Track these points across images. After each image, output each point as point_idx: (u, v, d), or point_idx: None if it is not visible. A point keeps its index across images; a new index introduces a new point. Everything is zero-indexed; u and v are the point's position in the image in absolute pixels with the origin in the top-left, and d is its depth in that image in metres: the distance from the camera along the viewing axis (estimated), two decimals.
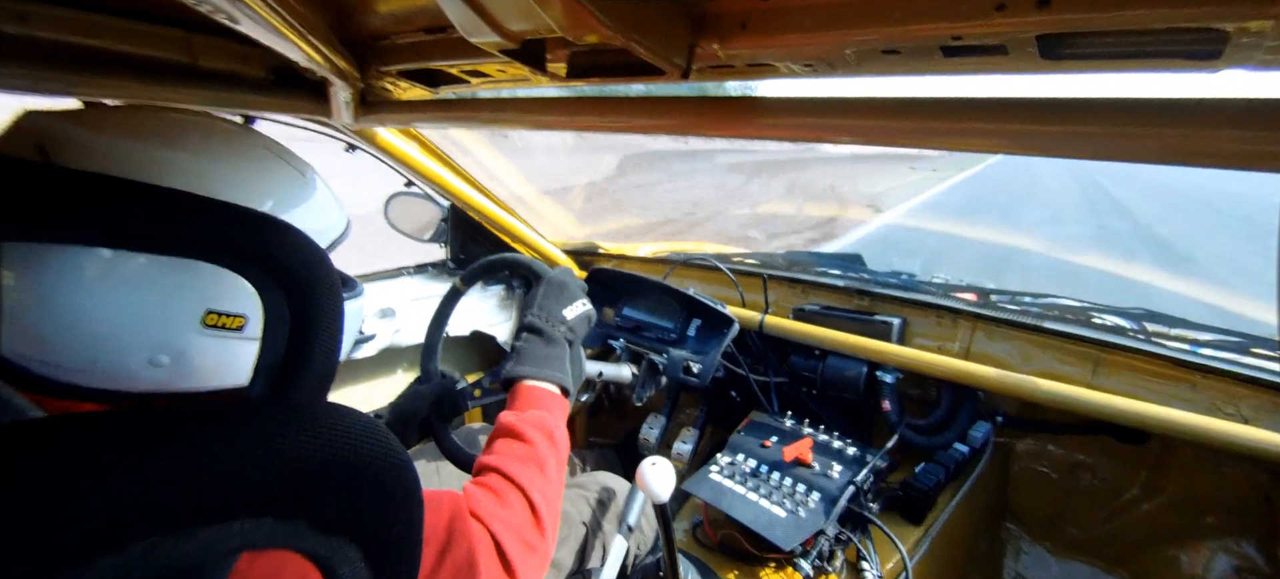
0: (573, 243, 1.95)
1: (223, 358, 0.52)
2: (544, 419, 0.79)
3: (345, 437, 0.39)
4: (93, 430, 0.32)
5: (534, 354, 0.87)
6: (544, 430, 0.78)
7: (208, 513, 0.32)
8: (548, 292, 0.94)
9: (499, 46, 0.58)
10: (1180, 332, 1.15)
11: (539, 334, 0.89)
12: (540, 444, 0.76)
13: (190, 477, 0.32)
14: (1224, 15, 0.35)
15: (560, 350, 0.89)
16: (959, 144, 0.56)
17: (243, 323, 0.52)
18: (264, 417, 0.38)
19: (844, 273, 1.57)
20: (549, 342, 0.88)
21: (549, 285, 0.95)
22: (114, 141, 0.50)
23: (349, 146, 1.38)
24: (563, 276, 0.98)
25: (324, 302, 0.50)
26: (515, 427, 0.77)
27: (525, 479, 0.71)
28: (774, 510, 1.01)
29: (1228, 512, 1.13)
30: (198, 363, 0.51)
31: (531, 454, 0.75)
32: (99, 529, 0.28)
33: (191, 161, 0.52)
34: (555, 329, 0.90)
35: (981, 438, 1.23)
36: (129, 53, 0.84)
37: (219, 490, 0.33)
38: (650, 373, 1.41)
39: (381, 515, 0.40)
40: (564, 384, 0.86)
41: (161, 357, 0.49)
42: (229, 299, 0.51)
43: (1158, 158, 0.46)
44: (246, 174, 0.56)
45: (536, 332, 0.89)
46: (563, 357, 0.89)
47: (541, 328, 0.89)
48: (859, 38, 0.50)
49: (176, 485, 0.31)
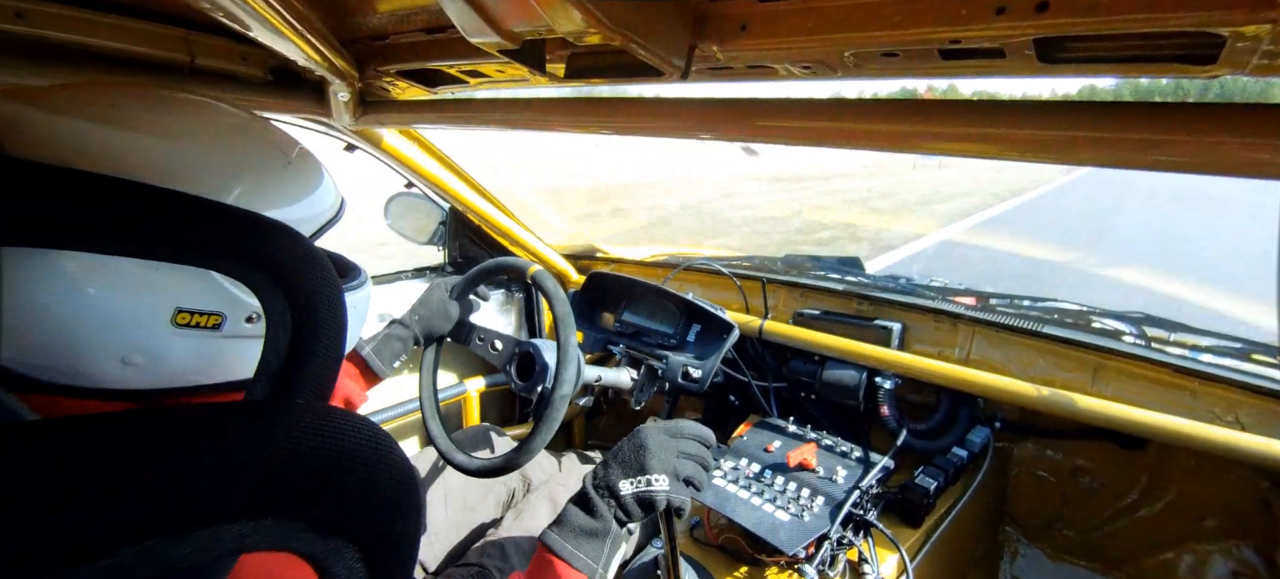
0: (572, 246, 1.95)
1: (202, 356, 0.52)
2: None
3: (344, 439, 0.39)
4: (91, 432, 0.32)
5: (576, 525, 0.74)
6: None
7: (206, 514, 0.32)
8: (625, 449, 0.78)
9: (499, 47, 0.58)
10: (1180, 337, 1.15)
11: (587, 508, 0.75)
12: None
13: (189, 478, 0.32)
14: (1221, 20, 0.35)
15: (603, 532, 0.74)
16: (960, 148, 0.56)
17: (220, 321, 0.51)
18: (264, 418, 0.38)
19: (843, 277, 1.57)
20: (594, 516, 0.74)
21: (634, 438, 0.79)
22: (76, 125, 0.47)
23: (348, 146, 1.38)
24: (649, 435, 0.79)
25: (325, 305, 0.50)
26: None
27: None
28: (778, 515, 1.01)
29: (1226, 517, 1.13)
30: (173, 362, 0.50)
31: None
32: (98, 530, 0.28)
33: (158, 144, 0.50)
34: (606, 504, 0.75)
35: (980, 442, 1.23)
36: (127, 50, 0.84)
37: (218, 491, 0.33)
38: (649, 378, 1.41)
39: (380, 517, 0.40)
40: (591, 573, 0.73)
41: (135, 357, 0.48)
42: (200, 298, 0.50)
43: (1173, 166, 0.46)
44: (216, 154, 0.53)
45: (585, 504, 0.76)
46: (604, 541, 0.74)
47: (591, 501, 0.75)
48: (858, 41, 0.50)
49: (175, 486, 0.31)
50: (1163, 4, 0.36)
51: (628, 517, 0.75)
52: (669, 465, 0.77)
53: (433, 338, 1.20)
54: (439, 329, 1.19)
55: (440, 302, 1.20)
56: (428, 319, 1.17)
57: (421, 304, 1.19)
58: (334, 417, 0.40)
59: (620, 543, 0.76)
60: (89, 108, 0.50)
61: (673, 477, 0.76)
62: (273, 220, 0.51)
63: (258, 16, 0.66)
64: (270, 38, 0.73)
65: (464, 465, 1.09)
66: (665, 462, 0.77)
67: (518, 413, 1.90)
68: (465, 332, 1.26)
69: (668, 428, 0.80)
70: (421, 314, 1.17)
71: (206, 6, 0.62)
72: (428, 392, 1.20)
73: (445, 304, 1.20)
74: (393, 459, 0.42)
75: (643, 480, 0.75)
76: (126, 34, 0.83)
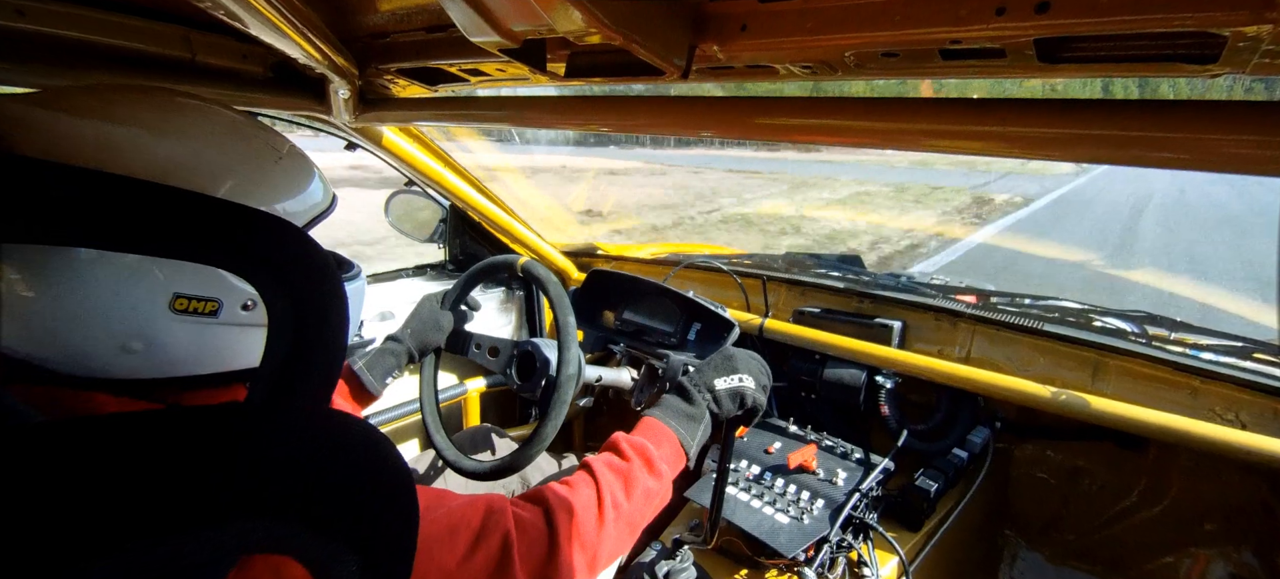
0: (572, 244, 1.95)
1: (200, 343, 0.52)
2: (649, 450, 0.81)
3: (344, 441, 0.40)
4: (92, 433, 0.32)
5: (674, 408, 0.87)
6: (645, 456, 0.80)
7: (206, 514, 0.32)
8: (715, 360, 0.93)
9: (499, 46, 0.58)
10: (1181, 335, 1.14)
11: (685, 397, 0.88)
12: (636, 466, 0.79)
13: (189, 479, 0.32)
14: (1222, 20, 0.35)
15: (698, 417, 0.87)
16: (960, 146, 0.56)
17: (216, 307, 0.52)
18: (264, 420, 0.38)
19: (844, 275, 1.57)
20: (691, 403, 0.88)
21: (721, 354, 0.94)
22: (74, 124, 0.48)
23: (349, 144, 1.38)
24: (736, 352, 0.95)
25: (330, 307, 0.50)
26: (620, 445, 0.80)
27: (605, 482, 0.74)
28: (778, 517, 1.01)
29: (1227, 518, 1.12)
30: (173, 349, 0.51)
31: (625, 468, 0.78)
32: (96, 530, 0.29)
33: (151, 141, 0.51)
34: (701, 395, 0.89)
35: (980, 442, 1.23)
36: (128, 48, 0.84)
37: (218, 492, 0.33)
38: (650, 377, 1.41)
39: (378, 518, 0.41)
40: (686, 443, 0.85)
41: (134, 343, 0.49)
42: (197, 283, 0.50)
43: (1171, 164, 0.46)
44: (208, 151, 0.54)
45: (683, 393, 0.89)
46: (698, 422, 0.87)
47: (689, 392, 0.89)
48: (859, 41, 0.50)
49: (175, 487, 0.32)
50: (1164, 4, 0.36)
51: (720, 408, 0.88)
52: (755, 374, 0.92)
53: (427, 351, 1.19)
54: (433, 341, 1.18)
55: (432, 313, 1.19)
56: (421, 333, 1.17)
57: (413, 318, 1.18)
58: (333, 419, 0.41)
59: (707, 432, 0.88)
60: (86, 108, 0.51)
61: (756, 381, 0.91)
62: (274, 216, 0.52)
63: (258, 14, 0.66)
64: (271, 35, 0.73)
65: (468, 471, 1.09)
66: (752, 369, 0.92)
67: (518, 413, 1.91)
68: (461, 341, 1.24)
69: (747, 351, 0.95)
70: (414, 328, 1.17)
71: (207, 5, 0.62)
72: (429, 406, 1.20)
73: (437, 315, 1.19)
74: (392, 461, 0.43)
75: (735, 378, 0.90)
76: (127, 31, 0.83)
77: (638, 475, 0.78)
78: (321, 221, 0.65)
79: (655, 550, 0.98)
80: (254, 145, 0.58)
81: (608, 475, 0.76)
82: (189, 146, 0.53)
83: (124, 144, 0.49)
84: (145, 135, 0.51)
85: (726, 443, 0.90)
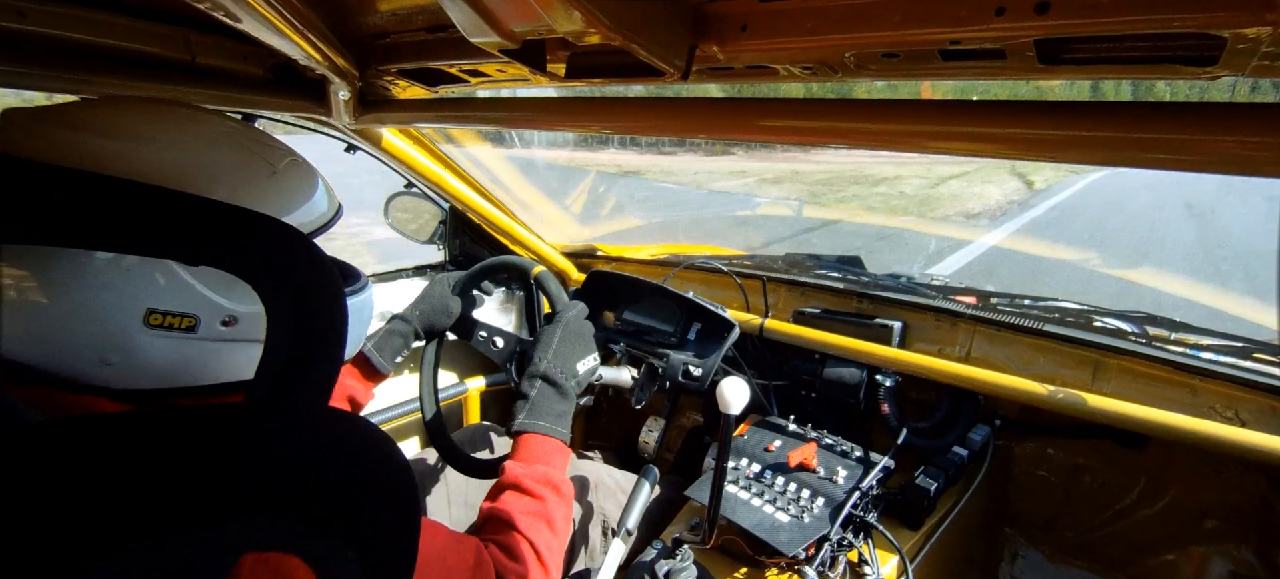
0: (572, 245, 1.95)
1: (181, 358, 0.52)
2: (551, 475, 0.81)
3: (344, 439, 0.40)
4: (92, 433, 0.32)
5: (548, 408, 0.88)
6: (551, 485, 0.81)
7: (206, 514, 0.32)
8: (565, 338, 0.94)
9: (499, 46, 0.58)
10: (1181, 335, 1.14)
11: (554, 386, 0.89)
12: (549, 500, 0.79)
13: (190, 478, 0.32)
14: (1222, 22, 0.35)
15: (571, 405, 0.90)
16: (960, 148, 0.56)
17: (194, 323, 0.52)
18: (264, 420, 0.38)
19: (844, 275, 1.57)
20: (562, 395, 0.89)
21: (566, 332, 0.95)
22: (73, 136, 0.49)
23: (349, 146, 1.38)
24: (578, 324, 0.97)
25: (327, 306, 0.50)
26: (522, 482, 0.80)
27: (535, 534, 0.75)
28: (778, 516, 1.01)
29: (1226, 516, 1.12)
30: (152, 363, 0.51)
31: (541, 510, 0.78)
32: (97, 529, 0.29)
33: (142, 149, 0.51)
34: (568, 383, 0.90)
35: (981, 440, 1.23)
36: (127, 49, 0.84)
37: (218, 492, 0.33)
38: (650, 377, 1.41)
39: (378, 517, 0.41)
40: (567, 439, 0.88)
41: (111, 355, 0.49)
42: (171, 299, 0.50)
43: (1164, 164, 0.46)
44: (200, 160, 0.54)
45: (552, 383, 0.89)
46: (571, 411, 0.90)
47: (557, 381, 0.89)
48: (859, 41, 0.50)
49: (176, 487, 0.32)
50: (1164, 5, 0.36)
51: (582, 388, 0.94)
52: (593, 343, 0.97)
53: (434, 333, 1.20)
54: (440, 324, 1.19)
55: (442, 296, 1.20)
56: (429, 314, 1.17)
57: (423, 299, 1.19)
58: (333, 417, 0.41)
59: None
60: (85, 119, 0.51)
61: (596, 352, 0.98)
62: (273, 219, 0.52)
63: (259, 16, 0.66)
64: (271, 37, 0.73)
65: (464, 464, 1.09)
66: (592, 342, 0.97)
67: None
68: (467, 327, 1.26)
69: (577, 322, 0.98)
70: (423, 309, 1.17)
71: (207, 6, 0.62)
72: (428, 389, 1.20)
73: (447, 299, 1.20)
74: (392, 460, 0.43)
75: (590, 359, 0.95)
76: (128, 33, 0.83)
77: (553, 511, 0.79)
78: (326, 232, 0.65)
79: (655, 549, 0.97)
80: (245, 156, 0.58)
81: (533, 525, 0.75)
82: (175, 155, 0.53)
83: (112, 157, 0.49)
84: (134, 144, 0.51)
85: (724, 441, 0.90)
